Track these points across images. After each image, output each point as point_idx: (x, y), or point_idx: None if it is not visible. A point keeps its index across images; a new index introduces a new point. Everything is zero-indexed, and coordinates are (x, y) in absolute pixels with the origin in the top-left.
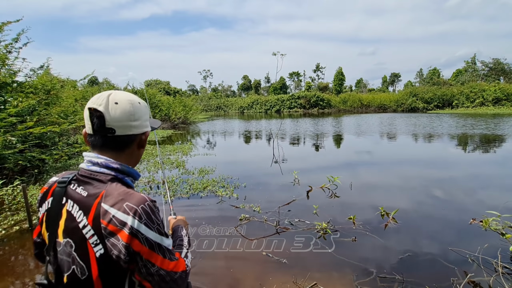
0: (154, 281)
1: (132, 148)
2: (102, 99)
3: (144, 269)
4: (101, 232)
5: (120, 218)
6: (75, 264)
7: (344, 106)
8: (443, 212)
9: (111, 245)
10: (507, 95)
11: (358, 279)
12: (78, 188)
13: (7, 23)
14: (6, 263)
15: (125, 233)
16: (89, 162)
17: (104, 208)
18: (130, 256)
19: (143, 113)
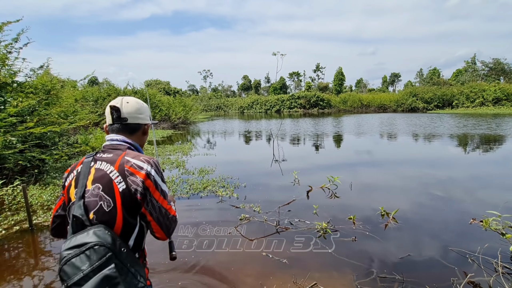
0: (155, 213)
1: (138, 133)
2: (118, 100)
3: (150, 203)
4: (124, 173)
5: (139, 164)
6: (102, 200)
7: (344, 106)
8: (443, 212)
9: (131, 181)
10: (507, 95)
11: (358, 279)
12: (104, 154)
13: (7, 23)
14: (6, 263)
15: (142, 173)
16: (110, 140)
17: (127, 159)
18: (144, 190)
19: (145, 110)
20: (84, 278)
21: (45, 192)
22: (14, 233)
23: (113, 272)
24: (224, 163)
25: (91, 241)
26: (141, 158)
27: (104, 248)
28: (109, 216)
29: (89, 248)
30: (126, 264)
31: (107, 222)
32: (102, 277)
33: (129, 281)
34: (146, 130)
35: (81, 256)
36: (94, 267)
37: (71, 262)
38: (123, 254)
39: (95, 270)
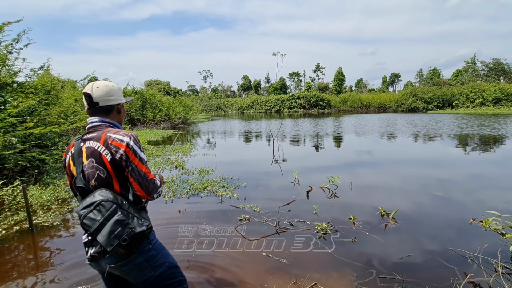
0: (134, 175)
1: (113, 113)
2: (89, 86)
3: (130, 167)
4: (109, 147)
5: (120, 138)
6: (98, 170)
7: (344, 106)
8: (443, 212)
9: (115, 152)
10: (507, 95)
11: (358, 279)
12: (89, 135)
13: (7, 24)
14: (6, 263)
15: (123, 144)
16: (91, 122)
17: (109, 135)
18: (125, 157)
19: (116, 92)
20: (101, 225)
21: (45, 192)
22: (14, 233)
23: (121, 216)
24: (224, 163)
25: (98, 199)
26: (121, 133)
27: (109, 202)
28: (107, 180)
29: (98, 204)
30: (130, 211)
31: (106, 185)
32: (114, 221)
33: (135, 221)
34: (119, 109)
35: (94, 211)
36: (106, 216)
37: (88, 217)
38: (125, 205)
39: (107, 217)
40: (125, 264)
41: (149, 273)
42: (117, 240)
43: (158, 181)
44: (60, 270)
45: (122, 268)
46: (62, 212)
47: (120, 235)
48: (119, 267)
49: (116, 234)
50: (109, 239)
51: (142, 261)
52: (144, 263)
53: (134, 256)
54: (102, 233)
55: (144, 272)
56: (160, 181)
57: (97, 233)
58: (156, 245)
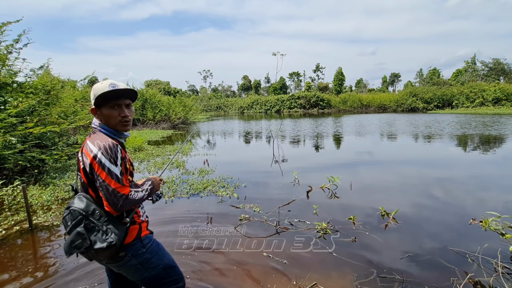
0: (102, 189)
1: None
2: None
3: (97, 181)
4: (82, 155)
5: (90, 148)
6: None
7: (344, 106)
8: (443, 212)
9: (84, 162)
10: (507, 95)
11: (358, 279)
12: None
13: (7, 24)
14: (6, 263)
15: (90, 156)
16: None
17: (87, 142)
18: (91, 169)
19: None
20: (69, 231)
21: (45, 192)
22: (14, 233)
23: (82, 230)
24: (224, 163)
25: (71, 205)
26: (96, 141)
27: (77, 212)
28: (84, 187)
29: (70, 211)
30: (96, 224)
31: (85, 189)
32: (75, 232)
33: (98, 236)
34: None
35: (68, 215)
36: (72, 224)
37: (65, 218)
38: (95, 216)
39: (73, 226)
40: (120, 265)
41: (144, 274)
42: (76, 249)
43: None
44: (60, 270)
45: (118, 268)
46: (62, 212)
47: (79, 247)
48: (115, 267)
49: (76, 245)
50: (69, 248)
51: (136, 264)
52: (138, 265)
53: (128, 259)
54: (67, 241)
55: (139, 273)
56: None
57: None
58: (151, 247)
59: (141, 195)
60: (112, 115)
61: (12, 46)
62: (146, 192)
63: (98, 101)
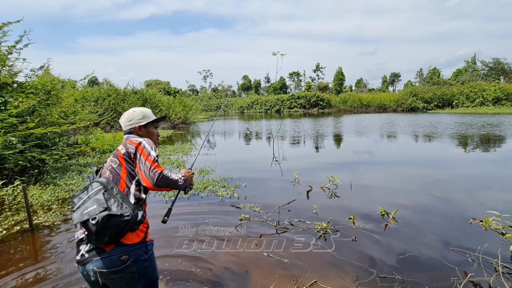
0: (141, 166)
1: (134, 133)
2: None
3: (139, 159)
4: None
5: (136, 139)
6: (112, 162)
7: (344, 106)
8: (443, 211)
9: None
10: (507, 95)
11: (359, 279)
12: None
13: (7, 24)
14: (7, 263)
15: (136, 142)
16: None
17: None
18: (135, 151)
19: (134, 117)
20: (83, 202)
21: (45, 192)
22: (15, 233)
23: (100, 196)
24: (225, 163)
25: (90, 181)
26: (140, 137)
27: (97, 183)
28: (116, 169)
29: (88, 186)
30: (114, 196)
31: (115, 174)
32: (92, 199)
33: (113, 204)
34: (137, 131)
35: (84, 192)
36: (89, 194)
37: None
38: (114, 190)
39: (90, 196)
40: (117, 271)
41: (136, 285)
42: (87, 216)
43: (173, 175)
44: (60, 270)
45: (112, 276)
46: (63, 212)
47: (91, 213)
48: (109, 274)
49: (89, 211)
50: (81, 214)
51: (134, 272)
52: (135, 274)
53: (129, 265)
54: (78, 210)
55: (131, 283)
56: (182, 178)
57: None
58: (151, 256)
59: (175, 178)
60: (154, 133)
61: (14, 47)
62: (180, 179)
63: (147, 123)
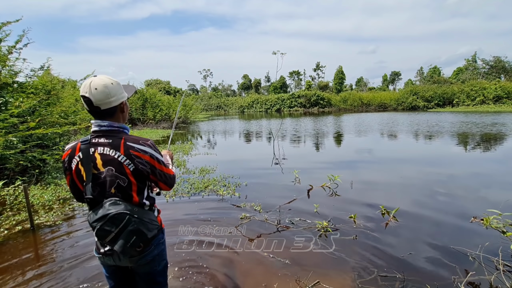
0: (161, 177)
1: (117, 114)
2: (87, 87)
3: (155, 173)
4: (131, 157)
5: (142, 149)
6: (118, 179)
7: (345, 105)
8: (444, 210)
9: (138, 163)
10: (507, 93)
11: (359, 278)
12: (101, 139)
13: (6, 23)
14: (8, 263)
15: (147, 156)
16: (98, 125)
17: (130, 144)
18: (150, 166)
19: (116, 90)
20: (116, 236)
21: (46, 192)
22: (16, 233)
23: (135, 226)
24: (225, 162)
25: (111, 212)
26: (140, 142)
27: (122, 214)
28: (127, 188)
29: (111, 217)
30: (141, 218)
31: (126, 192)
32: (129, 232)
33: (147, 227)
34: (122, 108)
35: (107, 223)
36: (120, 227)
37: (103, 229)
38: (137, 212)
39: (122, 228)
40: (144, 256)
41: (155, 267)
42: (132, 248)
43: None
44: (61, 269)
45: (139, 261)
46: (64, 212)
47: (135, 244)
48: (137, 260)
49: (132, 243)
50: (125, 248)
51: (156, 254)
52: (156, 256)
53: (152, 249)
54: (119, 244)
55: (153, 265)
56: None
57: (113, 244)
58: (164, 240)
59: (174, 172)
60: (128, 109)
61: (14, 47)
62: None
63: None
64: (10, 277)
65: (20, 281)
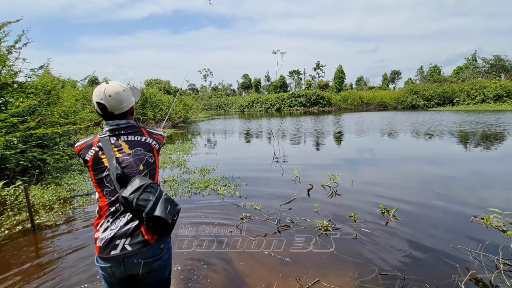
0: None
1: (128, 116)
2: (101, 94)
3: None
4: (156, 139)
5: (159, 133)
6: (147, 156)
7: (345, 104)
8: (444, 209)
9: (160, 143)
10: (508, 92)
11: (360, 277)
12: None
13: (6, 24)
14: (9, 262)
15: (162, 138)
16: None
17: (150, 131)
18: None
19: (127, 97)
20: (154, 203)
21: (46, 192)
22: (17, 233)
23: (167, 196)
24: (225, 162)
25: (145, 182)
26: (155, 129)
27: (155, 184)
28: (153, 163)
29: (147, 186)
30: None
31: (152, 166)
32: (164, 199)
33: (173, 201)
34: (132, 111)
35: (145, 193)
36: (157, 195)
37: (142, 198)
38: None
39: (158, 197)
40: (158, 259)
41: (164, 274)
42: (170, 215)
43: None
44: (62, 269)
45: (153, 265)
46: (64, 212)
47: (172, 211)
48: (152, 263)
49: (169, 210)
50: (166, 214)
51: (167, 259)
52: (166, 261)
53: (164, 252)
54: (159, 210)
55: (162, 272)
56: None
57: (153, 211)
58: (171, 245)
59: None
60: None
61: (13, 47)
62: None
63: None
64: (10, 277)
65: (20, 281)
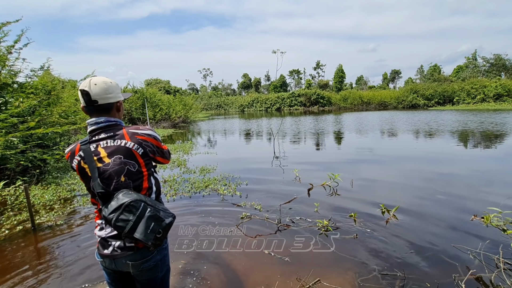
0: (162, 155)
1: (113, 111)
2: (87, 83)
3: (157, 151)
4: (139, 142)
5: (146, 133)
6: (128, 165)
7: (345, 103)
8: (444, 208)
9: (146, 145)
10: (508, 91)
11: (360, 276)
12: (101, 135)
13: (6, 24)
14: (9, 262)
15: (151, 138)
16: (95, 123)
17: (133, 131)
18: (155, 148)
19: (114, 88)
20: (135, 223)
21: (47, 192)
22: (17, 233)
23: (152, 212)
24: (225, 161)
25: (125, 201)
26: (141, 128)
27: (137, 201)
28: (137, 173)
29: (127, 205)
30: (154, 205)
31: (136, 177)
32: (147, 217)
33: (162, 214)
34: (118, 107)
35: (124, 213)
36: (138, 214)
37: (120, 219)
38: (150, 200)
39: (140, 216)
40: (147, 260)
41: (158, 274)
42: (153, 234)
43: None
44: (62, 269)
45: (143, 266)
46: (65, 212)
47: (155, 229)
48: (140, 264)
49: (152, 229)
50: (146, 234)
51: (158, 260)
52: (158, 262)
53: (155, 254)
54: (139, 230)
55: (155, 272)
56: None
57: (133, 231)
58: (167, 245)
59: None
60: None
61: (13, 47)
62: None
63: None
64: (11, 277)
65: (20, 281)
